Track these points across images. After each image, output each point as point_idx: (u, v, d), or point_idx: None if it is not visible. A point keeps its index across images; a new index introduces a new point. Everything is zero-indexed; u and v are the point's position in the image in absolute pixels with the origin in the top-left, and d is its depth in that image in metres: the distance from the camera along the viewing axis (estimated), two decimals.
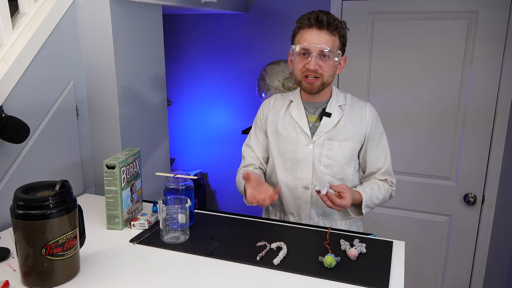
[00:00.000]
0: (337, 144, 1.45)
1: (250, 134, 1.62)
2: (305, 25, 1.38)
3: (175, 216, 1.24)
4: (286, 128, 1.49)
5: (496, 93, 2.14)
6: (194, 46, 2.87)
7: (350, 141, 1.46)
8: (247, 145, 1.62)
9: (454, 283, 2.42)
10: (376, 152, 1.50)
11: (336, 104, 1.48)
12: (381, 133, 1.52)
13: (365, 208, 1.44)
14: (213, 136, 2.98)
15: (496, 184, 2.22)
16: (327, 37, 1.36)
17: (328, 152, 1.45)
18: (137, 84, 1.80)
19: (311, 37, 1.36)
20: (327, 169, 1.46)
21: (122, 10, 1.65)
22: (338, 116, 1.46)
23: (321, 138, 1.45)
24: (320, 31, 1.35)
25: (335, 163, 1.46)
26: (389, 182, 1.53)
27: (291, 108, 1.51)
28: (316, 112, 1.49)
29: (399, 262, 1.16)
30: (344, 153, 1.46)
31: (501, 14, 2.06)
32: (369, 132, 1.48)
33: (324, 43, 1.35)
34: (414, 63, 2.25)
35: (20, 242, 0.98)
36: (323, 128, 1.45)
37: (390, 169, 1.53)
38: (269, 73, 2.41)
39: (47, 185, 1.05)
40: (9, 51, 1.35)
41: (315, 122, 1.48)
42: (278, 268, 1.11)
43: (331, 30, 1.36)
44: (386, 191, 1.51)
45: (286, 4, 2.56)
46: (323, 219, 1.51)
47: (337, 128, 1.45)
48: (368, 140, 1.49)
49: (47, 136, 1.50)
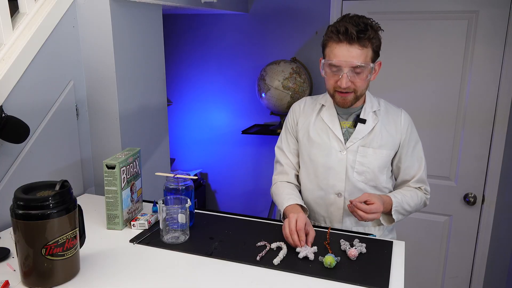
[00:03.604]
0: (372, 151, 1.41)
1: (281, 137, 1.57)
2: (334, 40, 1.29)
3: (175, 216, 1.23)
4: (318, 133, 1.45)
5: (496, 93, 2.14)
6: (194, 46, 2.87)
7: (384, 148, 1.42)
8: (279, 148, 1.56)
9: (454, 283, 2.42)
10: (410, 159, 1.46)
11: (370, 110, 1.43)
12: (416, 141, 1.47)
13: (396, 214, 1.39)
14: (213, 136, 2.98)
15: (496, 184, 2.22)
16: (358, 51, 1.27)
17: (362, 159, 1.41)
18: (137, 84, 1.80)
19: (341, 53, 1.28)
20: (360, 176, 1.42)
21: (122, 10, 1.65)
22: (373, 123, 1.42)
23: (355, 145, 1.41)
24: (350, 46, 1.27)
25: (368, 170, 1.41)
26: (423, 190, 1.49)
27: (323, 113, 1.46)
28: (350, 117, 1.44)
29: (399, 262, 1.16)
30: (378, 160, 1.41)
31: (501, 14, 2.06)
32: (404, 140, 1.44)
33: (355, 59, 1.27)
34: (414, 63, 2.25)
35: (20, 242, 0.98)
36: (357, 135, 1.41)
37: (424, 177, 1.48)
38: (269, 73, 2.41)
39: (47, 185, 1.05)
40: (9, 51, 1.35)
41: (348, 128, 1.44)
42: (278, 268, 1.11)
43: (362, 43, 1.27)
44: (420, 198, 1.46)
45: (286, 4, 2.56)
46: (356, 226, 1.47)
47: (372, 134, 1.41)
48: (403, 147, 1.45)
49: (47, 136, 1.50)
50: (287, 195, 1.41)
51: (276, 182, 1.54)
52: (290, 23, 2.59)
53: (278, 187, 1.50)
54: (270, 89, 2.40)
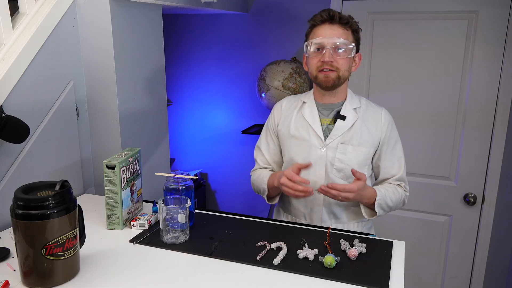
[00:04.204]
0: (351, 148, 1.42)
1: (261, 137, 1.61)
2: (318, 21, 1.40)
3: (175, 216, 1.23)
4: (299, 129, 1.47)
5: (496, 93, 2.14)
6: (194, 46, 2.87)
7: (364, 146, 1.43)
8: (258, 147, 1.62)
9: (454, 283, 2.42)
10: (390, 158, 1.48)
11: (350, 107, 1.45)
12: (396, 139, 1.49)
13: (378, 207, 1.41)
14: (213, 136, 2.98)
15: (496, 184, 2.22)
16: (340, 30, 1.37)
17: (341, 156, 1.43)
18: (137, 84, 1.80)
19: (324, 31, 1.38)
20: (339, 173, 1.44)
21: (122, 10, 1.65)
22: (353, 119, 1.44)
23: (334, 141, 1.43)
24: (332, 25, 1.38)
25: (348, 167, 1.43)
26: (403, 187, 1.50)
27: (304, 110, 1.49)
28: (330, 114, 1.47)
29: (399, 262, 1.16)
30: (357, 157, 1.43)
31: (501, 14, 2.06)
32: (384, 138, 1.46)
33: (337, 36, 1.37)
34: (414, 63, 2.25)
35: (20, 242, 0.98)
36: (337, 131, 1.43)
37: (404, 176, 1.50)
38: (269, 73, 2.41)
39: (47, 185, 1.05)
40: (9, 51, 1.35)
41: (328, 124, 1.46)
42: (278, 268, 1.11)
43: (343, 24, 1.38)
44: (400, 196, 1.48)
45: (286, 4, 2.56)
46: (335, 222, 1.49)
47: (351, 131, 1.43)
48: (383, 145, 1.46)
49: (47, 136, 1.50)
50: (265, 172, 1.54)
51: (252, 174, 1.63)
52: (290, 23, 2.59)
53: (254, 174, 1.59)
54: (270, 89, 2.40)
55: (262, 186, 1.51)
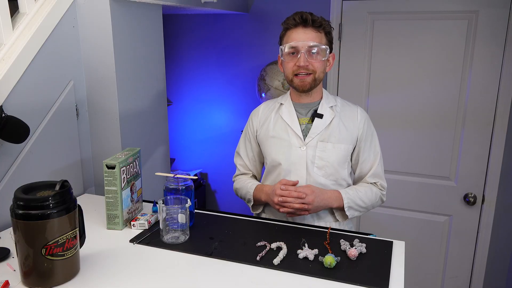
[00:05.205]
0: (331, 145, 1.45)
1: (240, 144, 1.65)
2: (291, 25, 1.42)
3: (175, 216, 1.23)
4: (278, 131, 1.50)
5: (496, 93, 2.14)
6: (194, 46, 2.87)
7: (343, 143, 1.46)
8: (237, 153, 1.66)
9: (454, 283, 2.42)
10: (368, 153, 1.50)
11: (327, 105, 1.48)
12: (373, 135, 1.52)
13: (349, 210, 1.44)
14: (213, 136, 2.98)
15: (496, 184, 2.22)
16: (313, 33, 1.39)
17: (321, 154, 1.45)
18: (137, 84, 1.80)
19: (298, 35, 1.39)
20: (320, 171, 1.46)
21: (122, 10, 1.65)
22: (330, 117, 1.46)
23: (313, 140, 1.45)
24: (306, 29, 1.39)
25: (328, 164, 1.45)
26: (378, 185, 1.52)
27: (282, 111, 1.51)
28: (308, 113, 1.49)
29: (399, 262, 1.16)
30: (337, 154, 1.45)
31: (501, 14, 2.06)
32: (361, 134, 1.49)
33: (311, 39, 1.38)
34: (414, 63, 2.25)
35: (20, 242, 0.98)
36: (315, 130, 1.45)
37: (380, 172, 1.52)
38: (269, 73, 2.41)
39: (47, 185, 1.05)
40: (9, 51, 1.35)
41: (307, 123, 1.48)
42: (278, 268, 1.11)
43: (316, 27, 1.39)
44: (375, 194, 1.50)
45: (286, 5, 2.56)
46: (318, 221, 1.50)
47: (329, 129, 1.45)
48: (360, 142, 1.49)
49: (47, 136, 1.50)
50: (249, 183, 1.57)
51: (235, 180, 1.66)
52: None
53: (238, 183, 1.63)
54: (270, 89, 2.40)
55: (248, 197, 1.56)
